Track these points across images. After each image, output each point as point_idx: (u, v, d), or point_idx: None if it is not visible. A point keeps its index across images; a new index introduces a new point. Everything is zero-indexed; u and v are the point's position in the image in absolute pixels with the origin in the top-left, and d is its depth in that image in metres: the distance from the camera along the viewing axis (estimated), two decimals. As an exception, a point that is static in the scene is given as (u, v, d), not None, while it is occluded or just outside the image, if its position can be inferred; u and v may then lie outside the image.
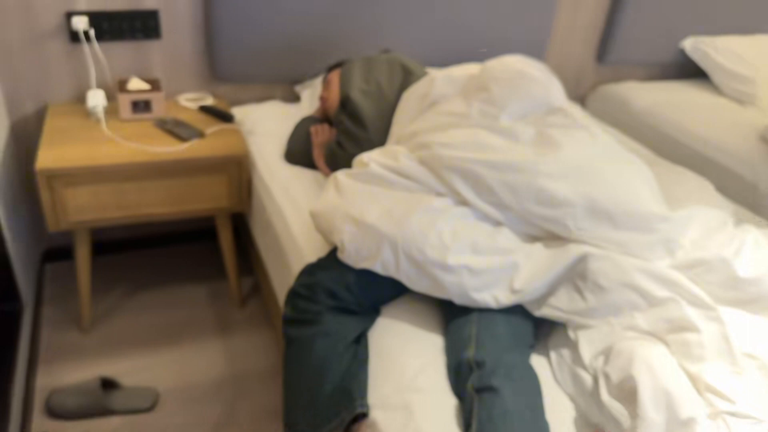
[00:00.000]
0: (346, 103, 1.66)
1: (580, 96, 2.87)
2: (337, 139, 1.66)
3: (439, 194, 1.29)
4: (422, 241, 1.19)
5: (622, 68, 2.86)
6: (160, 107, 1.98)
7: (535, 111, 1.38)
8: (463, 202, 1.27)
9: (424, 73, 1.75)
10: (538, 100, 1.39)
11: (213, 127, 1.97)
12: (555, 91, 1.43)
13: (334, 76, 1.92)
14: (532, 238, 1.26)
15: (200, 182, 1.86)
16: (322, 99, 1.94)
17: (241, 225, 2.35)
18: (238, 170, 1.88)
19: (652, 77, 2.94)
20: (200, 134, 1.91)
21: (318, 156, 1.82)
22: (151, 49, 2.06)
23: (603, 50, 2.73)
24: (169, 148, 1.82)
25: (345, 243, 1.25)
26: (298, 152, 1.86)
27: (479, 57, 2.43)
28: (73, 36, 1.94)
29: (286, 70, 2.20)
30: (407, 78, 1.70)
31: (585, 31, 2.67)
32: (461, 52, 2.41)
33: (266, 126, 2.05)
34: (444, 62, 2.38)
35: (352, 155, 1.58)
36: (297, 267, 1.51)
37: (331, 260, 1.30)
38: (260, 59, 2.14)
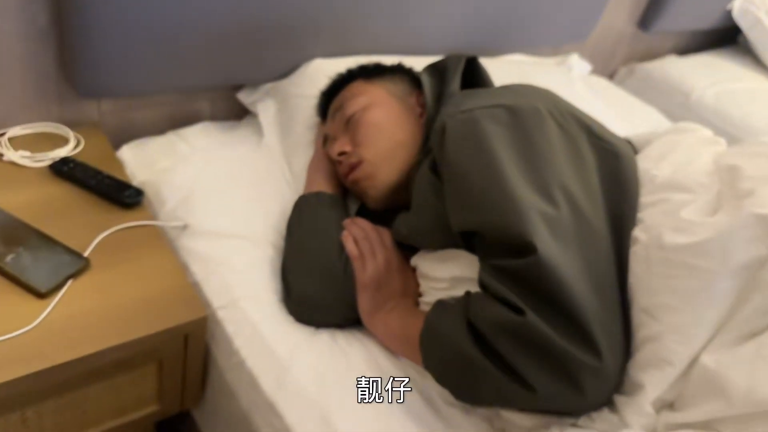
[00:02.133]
0: (511, 255, 0.65)
1: (609, 72, 2.06)
2: (502, 353, 0.63)
3: None
4: None
5: (655, 38, 2.10)
6: (-44, 192, 0.82)
7: None
8: None
9: (629, 151, 0.80)
10: None
11: (102, 231, 0.86)
12: None
13: (381, 110, 0.93)
14: None
15: (99, 392, 0.79)
16: (347, 162, 0.92)
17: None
18: (182, 353, 0.82)
19: (680, 49, 2.23)
20: (77, 263, 0.80)
21: (376, 319, 0.83)
22: None
23: (650, 15, 1.92)
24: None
25: None
26: (320, 299, 0.84)
27: (517, 41, 1.50)
28: None
29: (216, 67, 1.10)
30: (612, 167, 0.75)
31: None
32: (492, 32, 1.45)
33: (210, 200, 0.97)
34: (472, 46, 1.41)
35: (556, 398, 0.63)
36: None
37: None
38: (167, 48, 1.01)
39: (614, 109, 1.48)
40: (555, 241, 0.64)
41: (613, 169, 0.74)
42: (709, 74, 2.00)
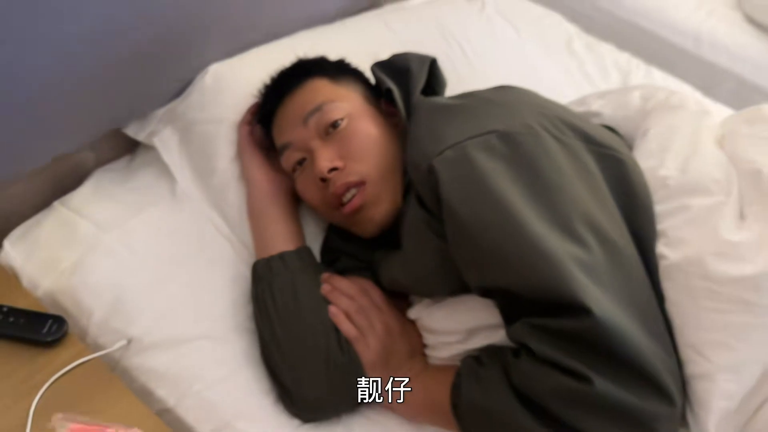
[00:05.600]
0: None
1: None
2: None
3: None
4: None
5: None
6: None
7: None
8: None
9: (627, 150, 0.74)
10: None
11: (27, 397, 0.66)
12: None
13: (370, 121, 0.80)
14: None
15: None
16: (342, 182, 0.75)
17: None
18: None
19: None
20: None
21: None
22: None
23: None
24: None
25: None
26: (330, 398, 0.73)
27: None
28: None
29: (90, 120, 0.87)
30: (619, 176, 0.69)
31: None
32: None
33: (145, 295, 0.79)
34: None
35: None
36: None
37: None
38: (23, 117, 0.77)
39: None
40: (602, 291, 0.58)
41: (620, 178, 0.69)
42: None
